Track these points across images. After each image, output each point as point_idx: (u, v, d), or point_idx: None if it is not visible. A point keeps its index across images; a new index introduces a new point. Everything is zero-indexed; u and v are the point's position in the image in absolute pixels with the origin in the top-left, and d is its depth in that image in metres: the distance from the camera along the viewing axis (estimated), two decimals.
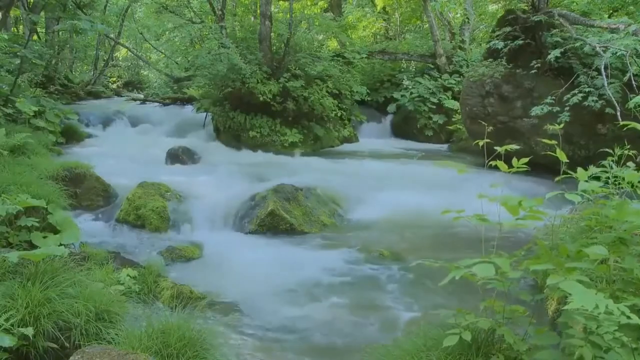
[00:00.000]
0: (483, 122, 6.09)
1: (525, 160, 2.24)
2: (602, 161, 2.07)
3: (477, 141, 2.57)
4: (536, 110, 7.47)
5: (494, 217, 2.18)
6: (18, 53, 8.02)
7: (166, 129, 11.81)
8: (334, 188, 6.69)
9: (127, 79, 24.47)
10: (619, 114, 6.58)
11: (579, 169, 2.22)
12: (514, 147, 2.30)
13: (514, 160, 2.27)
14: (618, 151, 3.30)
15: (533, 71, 8.03)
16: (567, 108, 7.14)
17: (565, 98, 7.28)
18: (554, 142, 2.30)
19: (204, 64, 10.32)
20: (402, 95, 12.56)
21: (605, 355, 1.64)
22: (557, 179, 2.29)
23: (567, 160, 2.24)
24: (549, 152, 2.44)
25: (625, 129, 2.85)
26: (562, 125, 2.96)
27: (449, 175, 7.55)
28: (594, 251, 1.86)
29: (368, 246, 5.18)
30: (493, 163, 2.29)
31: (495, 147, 2.31)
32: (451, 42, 14.05)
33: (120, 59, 25.51)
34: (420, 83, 12.57)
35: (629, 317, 1.54)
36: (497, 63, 8.53)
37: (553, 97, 7.36)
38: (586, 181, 2.14)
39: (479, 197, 2.07)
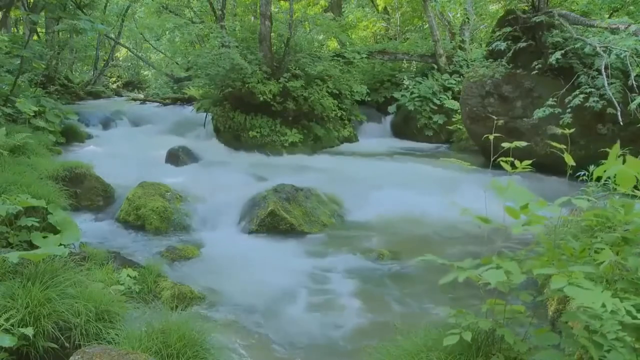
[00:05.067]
0: (495, 118, 6.03)
1: (529, 162, 2.23)
2: (603, 161, 2.05)
3: (487, 135, 2.55)
4: (538, 113, 7.46)
5: (496, 217, 2.17)
6: (17, 53, 8.02)
7: (166, 129, 11.81)
8: (334, 188, 6.69)
9: (127, 79, 24.50)
10: (619, 114, 6.58)
11: (612, 162, 2.15)
12: (523, 144, 2.28)
13: (518, 163, 2.26)
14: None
15: (535, 72, 8.02)
16: (569, 110, 7.14)
17: (566, 100, 7.28)
18: (562, 146, 2.28)
19: (206, 63, 10.32)
20: (402, 95, 12.55)
21: (607, 355, 1.63)
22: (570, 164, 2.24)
23: (574, 163, 2.22)
24: (550, 152, 2.43)
25: (625, 129, 2.85)
26: (572, 130, 2.94)
27: (449, 175, 7.59)
28: (604, 254, 1.85)
29: (368, 246, 5.18)
30: (496, 162, 2.28)
31: (503, 144, 2.29)
32: (451, 42, 14.05)
33: (120, 59, 25.53)
34: (421, 83, 12.56)
35: (635, 317, 1.53)
36: (498, 63, 8.53)
37: (554, 99, 7.35)
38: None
39: (490, 187, 2.04)
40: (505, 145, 2.28)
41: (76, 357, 2.21)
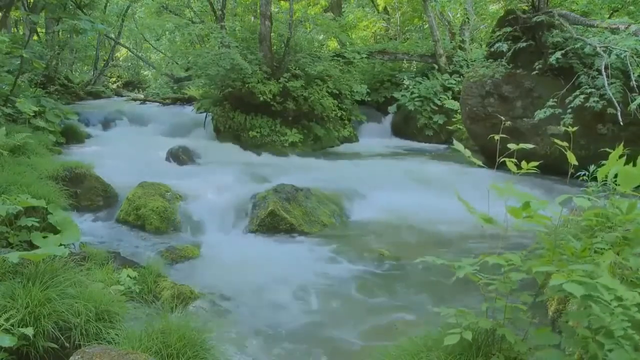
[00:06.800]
0: (502, 118, 6.02)
1: (535, 163, 2.23)
2: (603, 161, 2.05)
3: (492, 135, 2.55)
4: (539, 114, 7.46)
5: (496, 218, 2.17)
6: (18, 54, 8.01)
7: (166, 129, 11.80)
8: (334, 188, 6.69)
9: (127, 79, 24.47)
10: (619, 114, 6.58)
11: (613, 162, 2.13)
12: (529, 146, 2.27)
13: (524, 163, 2.26)
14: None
15: (535, 72, 8.02)
16: (570, 110, 7.14)
17: (567, 100, 7.27)
18: (565, 143, 2.27)
19: (206, 63, 10.32)
20: (402, 95, 12.56)
21: (609, 354, 1.63)
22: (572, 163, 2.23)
23: (576, 163, 2.22)
24: (550, 152, 2.42)
25: (625, 129, 2.83)
26: (575, 129, 2.92)
27: (449, 175, 7.59)
28: (607, 255, 1.85)
29: (368, 246, 5.18)
30: (499, 162, 2.27)
31: (509, 145, 2.28)
32: (451, 42, 14.05)
33: (120, 59, 25.52)
34: (421, 83, 12.57)
35: None
36: (498, 63, 8.53)
37: (555, 99, 7.35)
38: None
39: (492, 188, 2.04)
40: (511, 146, 2.27)
41: (76, 357, 2.21)
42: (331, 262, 4.77)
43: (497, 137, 2.35)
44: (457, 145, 2.40)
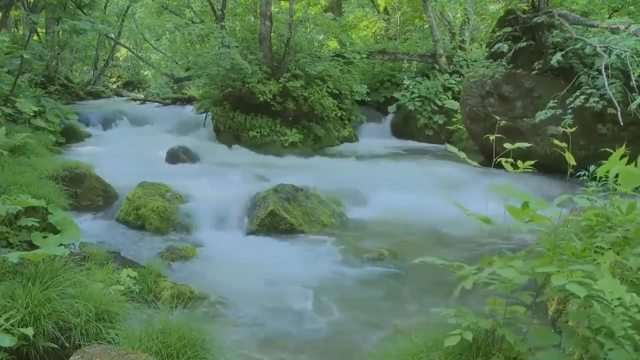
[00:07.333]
0: (498, 117, 6.01)
1: (531, 162, 2.22)
2: (603, 161, 2.05)
3: (488, 135, 2.55)
4: (540, 116, 7.45)
5: (496, 218, 2.16)
6: (18, 54, 8.01)
7: (166, 129, 11.81)
8: (334, 188, 6.69)
9: (127, 79, 24.47)
10: (619, 114, 6.58)
11: (615, 162, 2.11)
12: (525, 145, 2.27)
13: (519, 163, 2.25)
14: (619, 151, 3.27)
15: (535, 72, 8.02)
16: (570, 110, 7.13)
17: (567, 100, 7.27)
18: (564, 144, 2.27)
19: (206, 63, 10.32)
20: (402, 95, 12.55)
21: (610, 354, 1.63)
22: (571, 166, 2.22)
23: (575, 163, 2.21)
24: (550, 152, 2.42)
25: (625, 129, 2.82)
26: (574, 129, 2.92)
27: (448, 175, 7.59)
28: (607, 255, 1.85)
29: (368, 246, 5.18)
30: (497, 162, 2.27)
31: (505, 145, 2.28)
32: (451, 42, 14.05)
33: (120, 59, 25.51)
34: (421, 83, 12.56)
35: None
36: (498, 63, 8.53)
37: (555, 100, 7.35)
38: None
39: (492, 189, 2.03)
40: (508, 145, 2.27)
41: (76, 357, 2.21)
42: (331, 262, 4.77)
43: (492, 137, 2.34)
44: (451, 148, 2.40)
